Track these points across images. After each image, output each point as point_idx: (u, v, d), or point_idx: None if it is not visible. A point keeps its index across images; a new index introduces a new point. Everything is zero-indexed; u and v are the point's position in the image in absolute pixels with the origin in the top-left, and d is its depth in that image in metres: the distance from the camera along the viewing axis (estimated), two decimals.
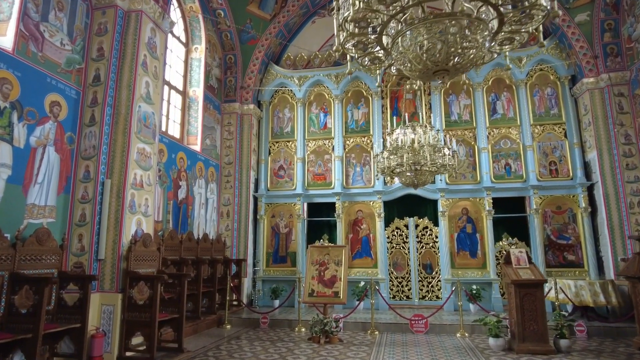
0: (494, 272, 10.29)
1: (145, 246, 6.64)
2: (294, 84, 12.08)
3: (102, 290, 6.21)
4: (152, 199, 7.15)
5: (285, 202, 11.63)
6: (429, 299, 10.68)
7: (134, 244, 6.43)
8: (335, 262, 8.03)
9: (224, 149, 11.57)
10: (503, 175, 10.79)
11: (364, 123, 11.66)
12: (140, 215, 6.82)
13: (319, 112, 11.98)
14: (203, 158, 10.56)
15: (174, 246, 8.58)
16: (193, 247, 9.27)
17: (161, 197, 8.76)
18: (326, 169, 11.62)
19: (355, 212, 11.25)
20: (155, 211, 8.36)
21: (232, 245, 11.05)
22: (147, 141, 7.12)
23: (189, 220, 9.77)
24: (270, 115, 12.26)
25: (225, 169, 11.46)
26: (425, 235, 10.98)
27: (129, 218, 6.57)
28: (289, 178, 11.79)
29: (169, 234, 8.51)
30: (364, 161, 11.43)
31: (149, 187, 7.11)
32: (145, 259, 6.66)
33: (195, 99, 10.71)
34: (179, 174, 9.50)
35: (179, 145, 9.65)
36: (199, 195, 10.27)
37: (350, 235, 11.15)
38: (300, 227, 11.38)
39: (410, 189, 10.98)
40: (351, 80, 11.88)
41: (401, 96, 11.61)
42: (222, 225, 11.18)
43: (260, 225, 11.60)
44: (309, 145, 11.86)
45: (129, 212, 6.58)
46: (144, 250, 6.64)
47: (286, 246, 11.45)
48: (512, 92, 11.14)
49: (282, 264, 11.39)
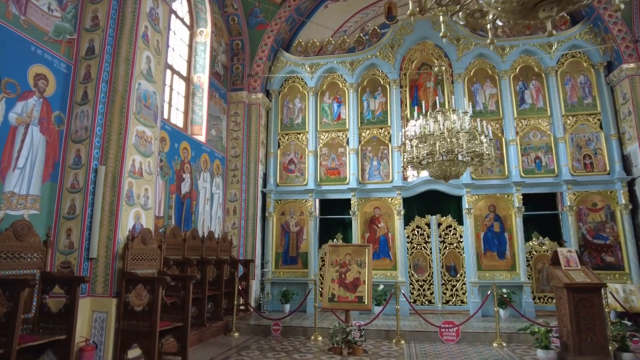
0: (525, 274, 9.37)
1: (145, 243, 5.71)
2: (305, 72, 11.18)
3: (93, 294, 5.28)
4: (152, 190, 6.23)
5: (296, 199, 10.71)
6: (453, 304, 9.76)
7: (131, 241, 5.51)
8: (357, 263, 7.11)
9: (231, 140, 10.66)
10: (533, 170, 9.89)
11: (381, 114, 10.76)
12: (139, 208, 5.89)
13: (332, 102, 11.08)
14: (208, 149, 9.65)
15: (176, 245, 7.65)
16: (197, 246, 8.34)
17: (162, 190, 7.84)
18: (340, 163, 10.72)
19: (372, 209, 10.34)
20: (156, 205, 7.44)
21: (238, 245, 10.12)
22: (147, 124, 6.20)
23: (193, 217, 8.84)
24: (280, 105, 11.35)
25: (231, 162, 10.54)
26: (448, 235, 10.07)
27: (126, 210, 5.65)
28: (299, 173, 10.88)
29: (171, 231, 7.59)
30: (381, 154, 10.53)
31: (149, 177, 6.18)
32: (144, 258, 5.73)
33: (200, 86, 9.80)
34: (182, 165, 8.58)
35: (182, 134, 8.74)
36: (203, 189, 9.35)
37: (367, 234, 10.23)
38: (312, 226, 10.46)
39: (432, 184, 10.10)
40: (367, 67, 10.98)
41: (421, 85, 10.72)
42: (228, 222, 10.25)
43: (268, 223, 10.67)
44: (322, 137, 10.96)
45: (126, 204, 5.65)
46: (143, 248, 5.71)
47: (297, 246, 10.53)
48: (541, 81, 10.26)
49: (292, 266, 10.46)
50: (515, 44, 10.35)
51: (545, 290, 9.51)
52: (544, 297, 9.49)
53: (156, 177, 6.46)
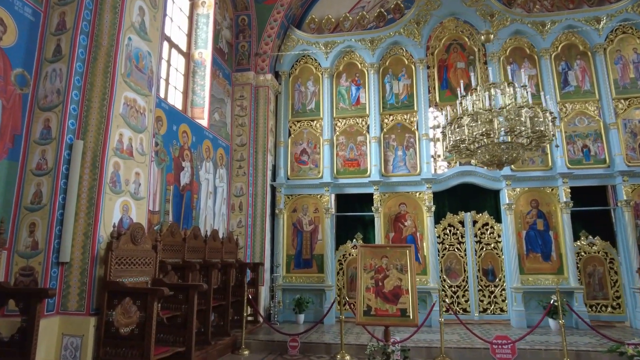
0: (575, 278, 8.08)
1: (135, 242, 4.33)
2: (319, 51, 9.85)
3: (64, 311, 3.88)
4: (145, 176, 4.84)
5: (310, 194, 9.35)
6: (492, 312, 8.45)
7: (116, 239, 4.12)
8: (397, 267, 5.76)
9: (236, 127, 9.29)
10: (580, 160, 8.63)
11: (406, 97, 9.46)
12: (127, 197, 4.51)
13: (350, 85, 9.75)
14: (211, 136, 8.27)
15: (175, 245, 6.27)
16: (199, 247, 6.96)
17: (158, 179, 6.45)
18: (360, 153, 9.38)
19: (397, 205, 9.01)
20: (151, 197, 6.06)
21: (245, 246, 8.74)
22: (140, 90, 4.83)
23: (194, 213, 7.46)
24: (290, 88, 10.00)
25: (237, 152, 9.17)
26: (485, 234, 8.77)
27: (111, 200, 4.26)
28: (313, 164, 9.53)
29: (169, 229, 6.21)
30: (407, 143, 9.21)
31: (142, 158, 4.80)
32: (134, 262, 4.34)
33: (202, 63, 8.43)
34: (182, 151, 7.20)
35: (181, 115, 7.36)
36: (205, 181, 7.97)
37: (392, 234, 8.89)
38: (328, 224, 9.10)
39: (467, 177, 8.81)
40: (389, 46, 9.68)
41: (451, 65, 9.44)
42: (234, 220, 8.87)
43: (279, 221, 9.30)
44: (338, 124, 9.62)
45: (111, 191, 4.27)
46: (133, 249, 4.33)
47: (311, 247, 9.16)
48: (587, 60, 9.02)
49: (306, 269, 9.08)
50: (557, 19, 9.11)
51: (598, 297, 8.23)
52: (596, 304, 8.21)
53: (150, 160, 5.08)
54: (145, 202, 4.81)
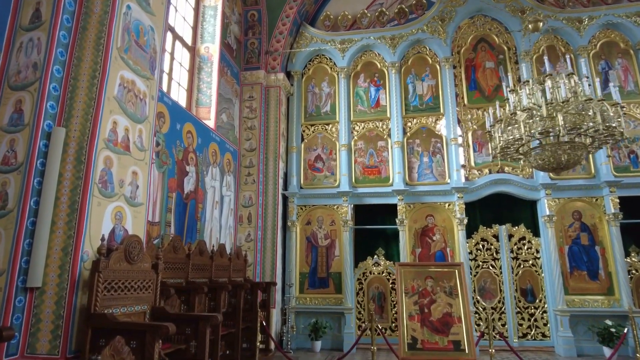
0: (628, 299, 7.10)
1: (131, 261, 3.31)
2: (335, 50, 9.00)
3: (31, 354, 2.84)
4: (145, 177, 3.86)
5: (326, 204, 8.37)
6: (533, 338, 7.42)
7: (106, 257, 3.10)
8: (445, 290, 4.78)
9: (244, 131, 8.34)
10: (627, 167, 7.73)
11: (431, 99, 8.58)
12: (121, 202, 3.51)
13: (369, 86, 8.88)
14: (218, 138, 7.32)
15: (177, 263, 5.25)
16: (205, 265, 5.93)
17: (159, 185, 5.47)
18: (380, 160, 8.45)
19: (423, 217, 8.04)
20: (150, 205, 5.07)
21: (254, 263, 7.71)
22: (140, 72, 3.88)
23: (199, 224, 6.45)
24: (303, 89, 9.11)
25: (245, 158, 8.20)
26: (522, 250, 7.80)
27: (99, 205, 3.27)
28: (329, 172, 8.57)
29: (171, 243, 5.19)
30: (433, 149, 8.29)
31: (141, 154, 3.83)
32: (128, 286, 3.31)
33: (209, 58, 7.54)
34: (186, 154, 6.23)
35: (186, 113, 6.41)
36: (212, 189, 6.98)
37: (418, 249, 7.90)
38: (346, 238, 8.10)
39: (501, 186, 7.88)
40: (411, 44, 8.85)
41: (479, 65, 8.60)
42: (241, 234, 7.84)
43: (291, 235, 8.28)
44: (356, 128, 8.71)
45: (100, 194, 3.28)
46: (127, 269, 3.31)
47: (327, 264, 8.14)
48: (629, 59, 8.21)
49: (322, 289, 8.04)
50: (595, 15, 8.34)
51: None
52: None
53: (151, 157, 4.10)
54: (145, 210, 3.82)
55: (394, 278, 7.91)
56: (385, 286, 7.93)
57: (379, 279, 8.01)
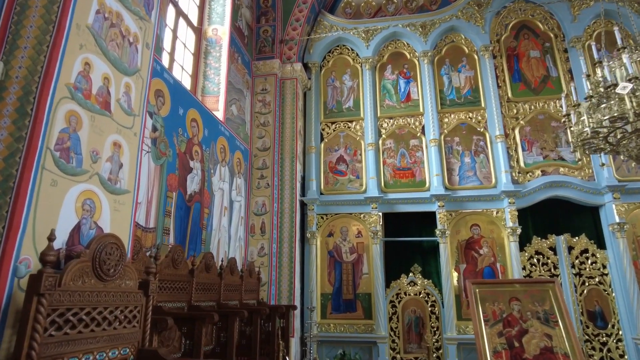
0: None
1: (103, 276, 2.00)
2: (358, 39, 7.90)
3: None
4: (133, 153, 2.61)
5: (350, 212, 7.10)
6: None
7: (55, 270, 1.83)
8: (538, 316, 3.50)
9: (256, 127, 7.15)
10: None
11: (470, 92, 7.43)
12: (94, 186, 2.25)
13: (397, 78, 7.74)
14: (228, 133, 6.12)
15: (178, 281, 3.95)
16: (213, 285, 4.62)
17: (156, 180, 4.22)
18: (414, 161, 7.23)
19: (468, 227, 6.77)
20: (144, 205, 3.83)
21: (269, 282, 6.39)
22: (130, 5, 2.68)
23: (204, 234, 5.16)
24: (322, 83, 7.97)
25: (257, 159, 6.98)
26: (585, 264, 6.50)
27: (55, 185, 2.00)
28: (353, 175, 7.34)
29: (170, 256, 3.90)
30: (475, 148, 7.09)
31: (128, 120, 2.59)
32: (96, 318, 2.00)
33: (217, 42, 6.40)
34: (190, 146, 5.01)
35: (190, 96, 5.22)
36: (220, 192, 5.72)
37: (463, 265, 6.60)
38: (376, 253, 6.80)
39: (557, 189, 6.64)
40: (445, 32, 7.77)
41: (523, 54, 7.50)
42: (253, 246, 6.55)
43: (310, 248, 6.98)
44: (384, 125, 7.53)
45: (58, 168, 2.02)
46: (97, 289, 2.00)
47: (354, 284, 6.81)
48: None
49: (348, 314, 6.69)
50: None
51: None
52: None
53: (143, 128, 2.86)
54: (132, 201, 2.56)
55: (433, 300, 6.60)
56: (424, 309, 6.60)
57: (415, 301, 6.68)
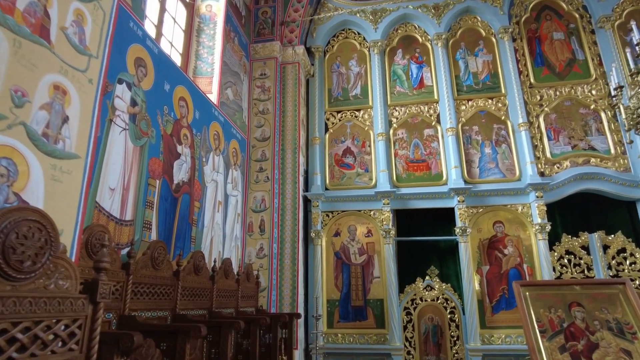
0: None
1: (11, 274, 1.27)
2: (365, 22, 7.25)
3: None
4: (88, 107, 1.91)
5: (359, 209, 6.39)
6: None
7: None
8: (610, 327, 2.79)
9: (255, 116, 6.45)
10: None
11: (488, 77, 6.77)
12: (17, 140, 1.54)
13: (409, 63, 7.07)
14: (222, 118, 5.41)
15: (159, 285, 3.21)
16: (203, 289, 3.88)
17: (135, 164, 3.50)
18: (429, 152, 6.53)
19: (490, 224, 6.06)
20: (118, 192, 3.12)
21: (269, 287, 5.64)
22: None
23: (194, 231, 4.43)
24: (326, 69, 7.28)
25: (256, 150, 6.27)
26: (623, 265, 5.78)
27: None
28: (362, 168, 6.64)
29: (149, 254, 3.17)
30: (497, 137, 6.41)
31: (80, 60, 1.89)
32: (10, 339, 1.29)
33: (212, 18, 5.71)
34: (177, 128, 4.29)
35: (179, 71, 4.50)
36: (213, 184, 5.00)
37: (486, 267, 5.88)
38: (389, 254, 6.08)
39: (590, 182, 5.95)
40: (459, 14, 7.12)
41: (545, 37, 6.85)
42: (251, 247, 5.81)
43: (315, 249, 6.26)
44: (395, 114, 6.84)
45: None
46: (7, 294, 1.30)
47: (364, 288, 6.08)
48: None
49: (358, 322, 5.95)
50: None
51: None
52: None
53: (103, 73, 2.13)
54: (82, 171, 1.84)
55: (453, 306, 5.87)
56: (442, 317, 5.86)
57: (433, 308, 5.94)
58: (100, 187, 3.08)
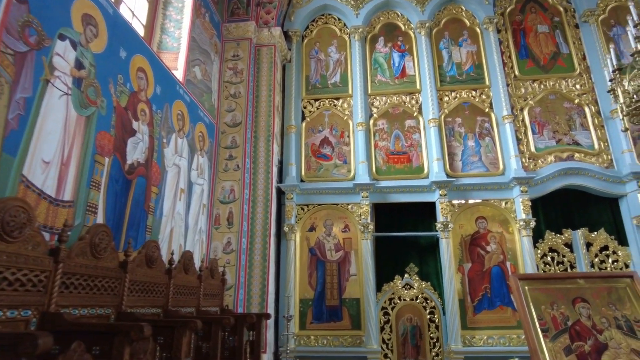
0: None
1: None
2: (346, 6, 6.90)
3: None
4: None
5: (336, 203, 6.00)
6: None
7: None
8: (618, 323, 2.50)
9: (225, 99, 5.96)
10: None
11: (472, 68, 6.54)
12: None
13: (391, 51, 6.76)
14: (188, 98, 4.91)
15: (99, 275, 2.70)
16: (158, 284, 3.38)
17: (78, 135, 2.98)
18: (410, 144, 6.23)
19: (473, 220, 5.79)
20: (54, 168, 2.61)
21: (237, 284, 5.16)
22: None
23: (150, 219, 3.92)
24: (304, 55, 6.89)
25: (226, 135, 5.78)
26: (605, 263, 5.63)
27: None
28: (340, 159, 6.26)
29: (88, 239, 2.66)
30: (480, 130, 6.17)
31: None
32: None
33: None
34: (134, 101, 3.78)
35: (138, 39, 3.98)
36: (174, 169, 4.50)
37: (468, 264, 5.60)
38: (366, 250, 5.71)
39: (574, 177, 5.78)
40: (444, 3, 6.88)
41: (530, 29, 6.69)
42: (218, 241, 5.31)
43: (288, 245, 5.82)
44: (376, 103, 6.51)
45: None
46: None
47: (339, 287, 5.68)
48: None
49: (333, 323, 5.54)
50: None
51: None
52: None
53: None
54: None
55: (432, 306, 5.56)
56: (422, 317, 5.54)
57: (412, 308, 5.61)
58: (29, 157, 2.57)
